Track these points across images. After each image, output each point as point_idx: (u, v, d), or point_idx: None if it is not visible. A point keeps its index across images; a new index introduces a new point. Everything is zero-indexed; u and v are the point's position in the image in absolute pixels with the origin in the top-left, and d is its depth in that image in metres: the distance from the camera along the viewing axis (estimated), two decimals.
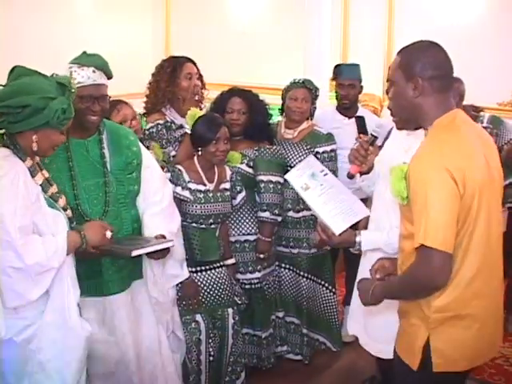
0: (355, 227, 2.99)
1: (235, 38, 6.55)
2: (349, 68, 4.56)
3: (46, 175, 2.67)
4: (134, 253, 2.73)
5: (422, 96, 2.27)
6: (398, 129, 2.75)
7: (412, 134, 2.76)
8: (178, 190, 3.42)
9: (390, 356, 2.48)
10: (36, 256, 2.48)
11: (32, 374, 2.56)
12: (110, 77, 2.92)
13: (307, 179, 3.00)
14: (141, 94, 4.06)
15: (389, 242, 2.81)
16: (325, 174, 3.04)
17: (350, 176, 3.03)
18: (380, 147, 3.17)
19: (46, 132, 2.49)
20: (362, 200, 3.17)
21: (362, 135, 3.12)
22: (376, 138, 3.00)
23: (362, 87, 4.46)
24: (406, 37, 2.55)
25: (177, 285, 3.26)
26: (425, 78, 2.25)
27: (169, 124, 3.75)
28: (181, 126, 3.76)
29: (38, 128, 2.47)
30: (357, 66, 4.53)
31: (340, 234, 2.89)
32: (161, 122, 3.74)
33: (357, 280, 2.73)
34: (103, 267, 2.91)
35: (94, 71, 2.84)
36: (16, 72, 2.52)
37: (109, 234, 2.71)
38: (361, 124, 3.36)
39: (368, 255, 3.00)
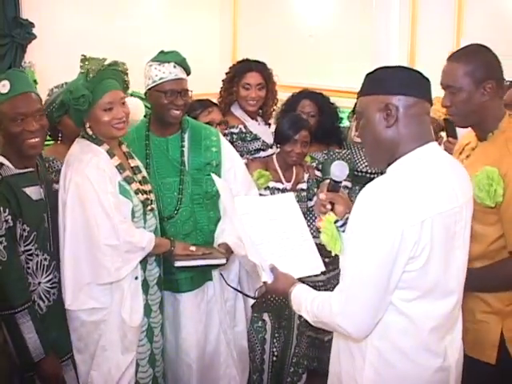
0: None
1: (301, 40, 6.53)
2: None
3: (133, 164, 2.76)
4: (177, 264, 2.79)
5: (490, 99, 2.28)
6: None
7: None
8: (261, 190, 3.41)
9: None
10: (128, 235, 2.61)
11: (93, 353, 2.66)
12: (188, 73, 2.96)
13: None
14: (207, 94, 4.05)
15: (310, 309, 2.08)
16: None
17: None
18: None
19: (90, 116, 2.65)
20: None
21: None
22: (336, 182, 2.19)
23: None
24: (474, 41, 2.51)
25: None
26: (494, 80, 2.27)
27: (243, 135, 3.73)
28: (255, 137, 3.75)
29: (81, 115, 2.65)
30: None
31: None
32: (235, 131, 3.72)
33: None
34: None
35: (174, 66, 2.88)
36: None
37: (193, 248, 2.83)
38: (450, 127, 3.14)
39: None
